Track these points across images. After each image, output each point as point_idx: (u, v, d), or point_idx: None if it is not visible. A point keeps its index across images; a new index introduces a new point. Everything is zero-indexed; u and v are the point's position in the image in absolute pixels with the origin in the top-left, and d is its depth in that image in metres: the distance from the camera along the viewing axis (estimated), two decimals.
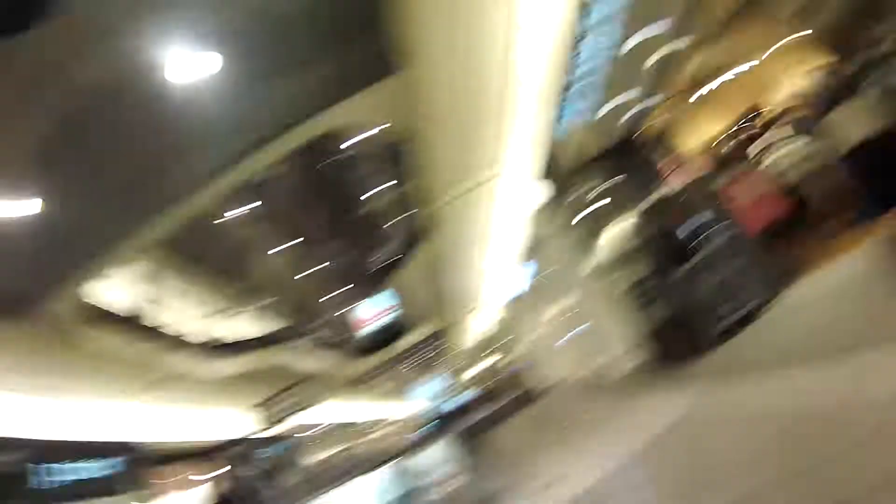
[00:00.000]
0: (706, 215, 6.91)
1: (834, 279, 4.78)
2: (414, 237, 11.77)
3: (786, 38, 5.93)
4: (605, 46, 5.22)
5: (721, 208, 6.90)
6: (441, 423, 24.88)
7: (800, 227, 7.51)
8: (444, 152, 8.37)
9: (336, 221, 16.86)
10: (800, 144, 6.94)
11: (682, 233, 7.03)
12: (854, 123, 4.23)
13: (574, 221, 7.76)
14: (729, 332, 5.83)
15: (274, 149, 8.90)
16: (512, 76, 7.00)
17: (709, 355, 5.79)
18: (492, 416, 19.34)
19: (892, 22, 3.45)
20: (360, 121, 8.54)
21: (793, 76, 8.10)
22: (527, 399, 16.52)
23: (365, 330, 20.81)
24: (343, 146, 12.48)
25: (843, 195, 5.43)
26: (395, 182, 11.56)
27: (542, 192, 7.77)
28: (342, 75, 7.92)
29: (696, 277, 6.46)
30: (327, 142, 12.29)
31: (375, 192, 13.01)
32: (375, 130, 9.17)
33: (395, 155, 10.50)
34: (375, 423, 31.90)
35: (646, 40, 5.32)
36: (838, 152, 4.71)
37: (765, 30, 5.68)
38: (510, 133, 7.71)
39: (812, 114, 5.07)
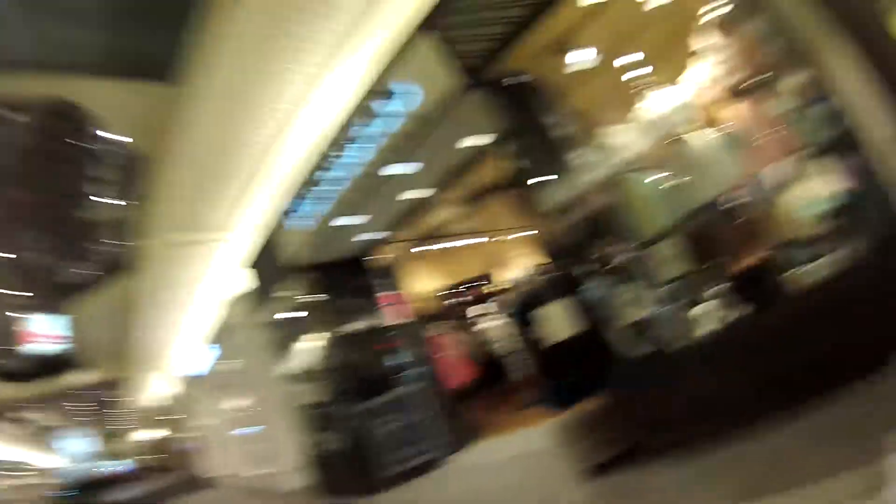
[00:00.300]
0: (409, 357, 6.93)
1: (513, 450, 5.06)
2: (116, 268, 9.83)
3: (528, 228, 6.55)
4: (369, 162, 4.92)
5: (425, 356, 6.99)
6: (81, 491, 20.19)
7: (491, 394, 7.99)
8: (182, 193, 7.26)
9: (44, 211, 13.61)
10: (512, 323, 7.45)
11: (380, 368, 6.90)
12: (559, 323, 4.72)
13: (275, 322, 7.08)
14: (401, 478, 5.73)
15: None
16: (275, 149, 6.50)
17: (378, 496, 5.61)
18: (144, 495, 16.27)
19: (614, 242, 3.89)
20: (110, 111, 7.03)
21: (524, 262, 9.14)
22: (188, 486, 14.33)
23: (28, 349, 16.47)
24: (87, 136, 10.39)
25: (535, 379, 5.95)
26: (122, 201, 9.76)
27: (253, 280, 7.08)
28: (117, 53, 6.54)
29: (381, 415, 6.24)
30: (72, 120, 10.13)
31: (99, 202, 10.83)
32: (126, 138, 7.62)
33: (132, 172, 8.98)
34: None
35: (407, 175, 5.22)
36: (541, 342, 5.10)
37: (513, 213, 6.13)
38: (248, 205, 7.04)
39: (528, 300, 5.48)
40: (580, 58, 4.17)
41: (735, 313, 3.22)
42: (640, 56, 4.94)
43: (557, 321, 4.84)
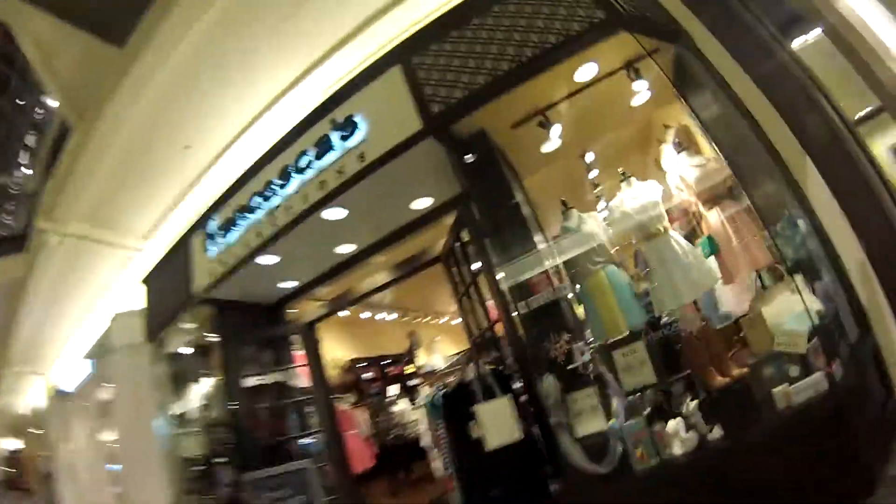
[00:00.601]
0: (312, 428, 5.97)
1: None
2: (7, 244, 8.48)
3: (468, 311, 5.80)
4: (307, 199, 4.26)
5: (331, 430, 6.05)
6: None
7: (396, 483, 7.36)
8: (103, 182, 6.24)
9: None
10: (436, 412, 6.68)
11: (277, 433, 5.90)
12: (497, 423, 3.90)
13: (167, 355, 6.04)
14: None
15: None
16: (214, 159, 5.65)
17: None
18: None
19: (572, 339, 3.36)
20: (47, 56, 5.97)
21: (456, 347, 8.40)
22: None
23: None
24: (14, 74, 9.05)
25: (453, 480, 4.80)
26: (33, 169, 8.51)
27: (154, 301, 6.03)
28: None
29: (270, 488, 5.13)
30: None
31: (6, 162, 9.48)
32: (54, 95, 6.56)
33: (53, 137, 7.87)
34: None
35: (343, 224, 4.60)
36: (470, 441, 4.10)
37: (452, 291, 5.37)
38: (172, 215, 6.09)
39: (463, 390, 4.59)
40: (552, 136, 3.87)
41: (708, 432, 2.90)
42: (613, 146, 4.76)
43: (495, 420, 4.04)
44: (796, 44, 3.45)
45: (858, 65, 3.24)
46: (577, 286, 3.71)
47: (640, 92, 3.89)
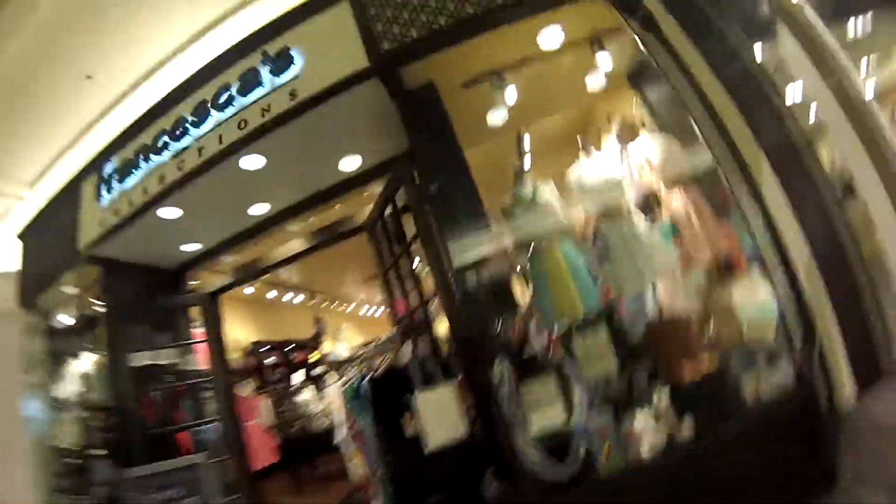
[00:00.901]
0: (208, 417, 5.23)
1: None
2: None
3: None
4: (223, 141, 3.67)
5: (230, 419, 5.34)
6: None
7: (303, 480, 6.78)
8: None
9: None
10: (360, 402, 6.12)
11: (168, 422, 5.11)
12: (436, 417, 3.43)
13: (42, 326, 5.19)
14: None
15: None
16: (118, 87, 4.83)
17: None
18: None
19: (524, 323, 3.16)
20: None
21: (380, 330, 7.90)
22: None
23: None
24: None
25: (378, 481, 4.26)
26: None
27: (27, 259, 5.11)
28: None
29: (158, 487, 4.42)
30: None
31: None
32: None
33: None
34: None
35: (260, 180, 4.06)
36: (401, 438, 3.65)
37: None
38: (64, 160, 5.21)
39: (394, 378, 4.08)
40: (505, 101, 3.67)
41: (679, 425, 2.73)
42: (555, 132, 4.67)
43: (439, 412, 3.53)
44: (760, 46, 3.36)
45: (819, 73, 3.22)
46: (528, 263, 3.34)
47: (600, 69, 3.73)
